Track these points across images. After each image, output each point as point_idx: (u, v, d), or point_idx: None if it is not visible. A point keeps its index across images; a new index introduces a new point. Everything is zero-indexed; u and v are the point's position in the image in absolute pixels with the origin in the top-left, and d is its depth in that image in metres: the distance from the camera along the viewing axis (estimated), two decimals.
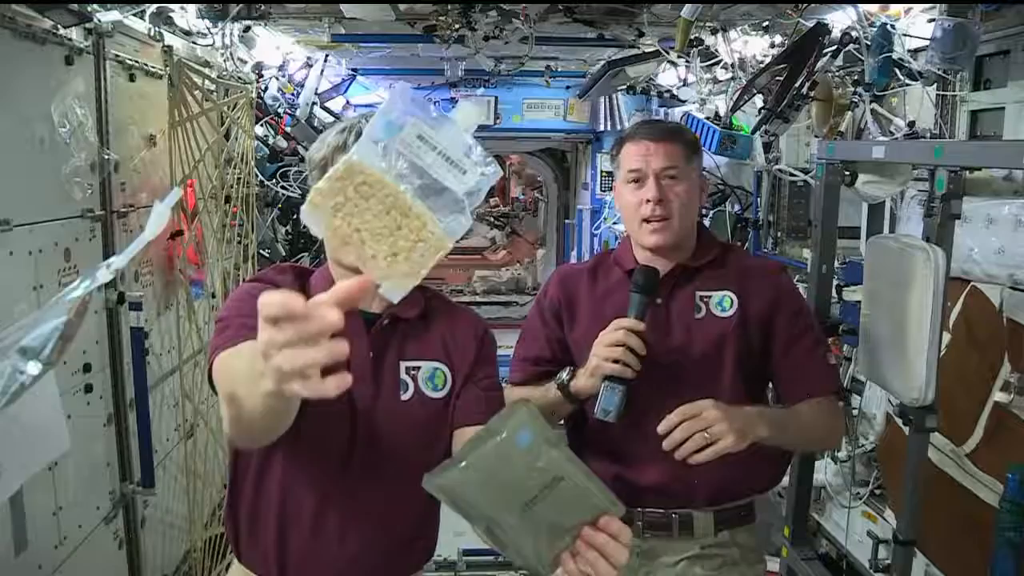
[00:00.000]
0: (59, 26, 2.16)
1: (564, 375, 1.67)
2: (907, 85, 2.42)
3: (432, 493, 0.86)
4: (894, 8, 2.42)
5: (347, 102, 5.14)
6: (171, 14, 2.85)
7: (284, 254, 4.29)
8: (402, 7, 3.03)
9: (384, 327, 1.37)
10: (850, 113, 2.76)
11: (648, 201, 1.66)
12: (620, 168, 1.75)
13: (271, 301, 0.75)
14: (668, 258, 1.72)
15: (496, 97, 5.55)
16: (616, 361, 1.54)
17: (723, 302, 1.70)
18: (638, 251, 1.76)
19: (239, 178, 3.44)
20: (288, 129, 4.24)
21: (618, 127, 5.35)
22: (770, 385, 1.81)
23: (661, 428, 1.47)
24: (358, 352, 1.35)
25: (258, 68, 4.02)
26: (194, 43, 3.11)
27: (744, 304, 1.70)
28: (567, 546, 0.89)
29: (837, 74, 2.74)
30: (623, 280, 1.73)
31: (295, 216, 4.35)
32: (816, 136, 2.94)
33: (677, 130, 1.79)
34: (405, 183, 0.72)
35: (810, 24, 2.64)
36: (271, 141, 4.15)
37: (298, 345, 0.75)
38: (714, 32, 3.15)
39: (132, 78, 2.70)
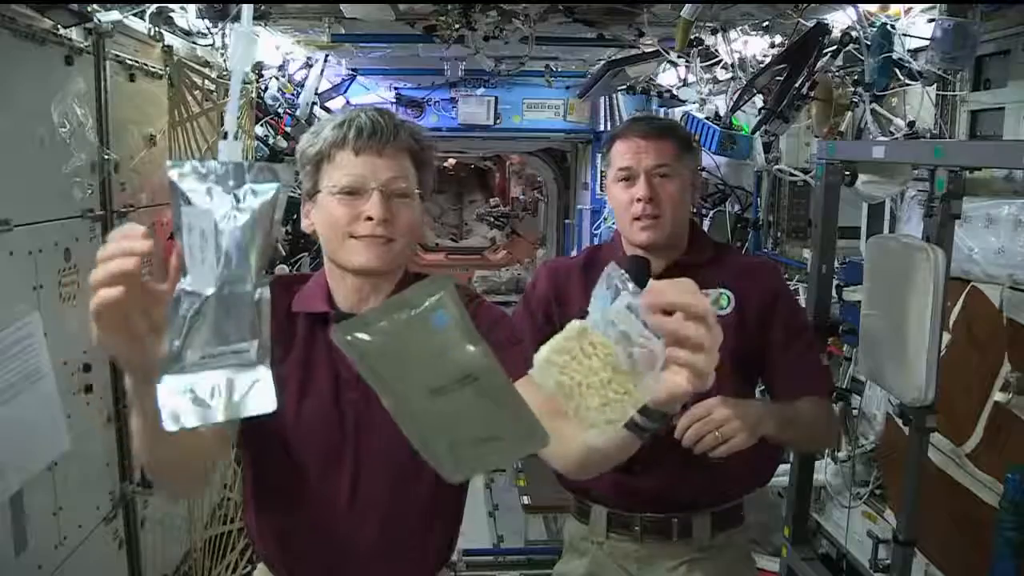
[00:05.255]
0: (59, 26, 2.15)
1: None
2: (907, 85, 2.42)
3: (340, 345, 0.80)
4: (894, 8, 2.42)
5: (347, 102, 5.14)
6: (171, 14, 2.85)
7: (284, 254, 4.29)
8: (402, 7, 3.03)
9: None
10: (850, 113, 2.76)
11: (639, 200, 1.65)
12: (611, 166, 1.73)
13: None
14: (660, 256, 1.71)
15: (496, 97, 5.54)
16: None
17: (720, 300, 1.69)
18: (629, 248, 1.74)
19: None
20: (288, 129, 4.24)
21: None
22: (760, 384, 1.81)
23: (676, 432, 1.45)
24: (346, 358, 1.32)
25: (258, 68, 4.02)
26: (194, 43, 3.11)
27: (741, 303, 1.69)
28: (483, 458, 0.83)
29: (837, 74, 2.74)
30: None
31: (295, 216, 4.34)
32: (816, 136, 2.94)
33: (669, 127, 1.77)
34: (617, 345, 0.83)
35: (810, 24, 2.64)
36: (271, 141, 4.15)
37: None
38: (714, 32, 3.15)
39: (132, 78, 2.70)
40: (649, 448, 1.58)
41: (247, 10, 0.88)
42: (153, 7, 2.69)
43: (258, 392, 0.78)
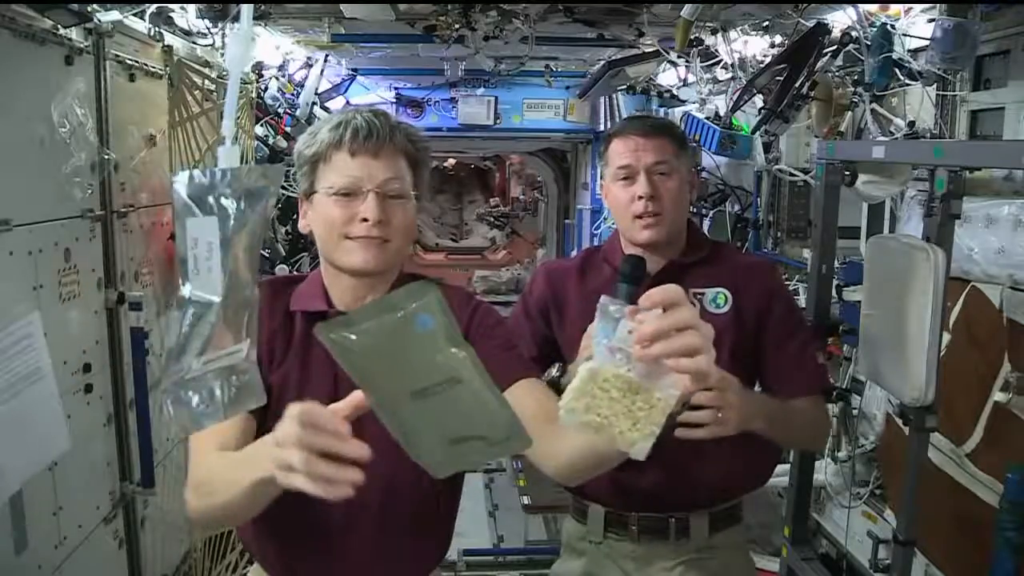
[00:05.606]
0: (59, 26, 2.15)
1: (554, 372, 1.65)
2: (907, 85, 2.42)
3: (324, 343, 0.82)
4: (894, 8, 2.42)
5: (347, 102, 5.14)
6: (171, 14, 2.85)
7: (284, 254, 4.29)
8: (402, 7, 3.03)
9: None
10: (850, 113, 2.76)
11: (640, 197, 1.65)
12: (609, 165, 1.73)
13: (304, 411, 0.86)
14: (659, 254, 1.70)
15: (496, 97, 5.54)
16: None
17: (717, 299, 1.69)
18: (628, 247, 1.73)
19: None
20: (288, 129, 4.24)
21: None
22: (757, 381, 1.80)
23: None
24: None
25: (258, 68, 4.02)
26: (194, 43, 3.11)
27: (738, 301, 1.69)
28: (466, 456, 0.85)
29: (837, 74, 2.74)
30: (613, 277, 1.70)
31: (295, 216, 4.34)
32: (816, 136, 2.94)
33: (666, 125, 1.78)
34: (627, 367, 0.87)
35: (810, 24, 2.64)
36: (271, 141, 4.15)
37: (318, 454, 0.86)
38: (714, 32, 3.15)
39: (132, 78, 2.70)
40: None
41: (247, 11, 0.89)
42: (153, 7, 2.69)
43: (249, 389, 0.82)
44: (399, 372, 0.81)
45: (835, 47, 2.57)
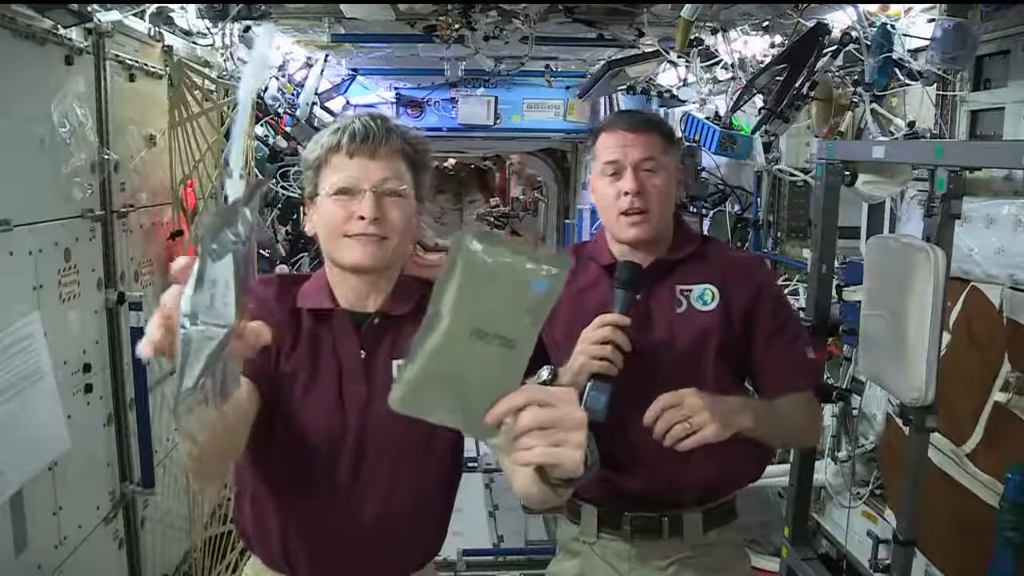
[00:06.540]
0: (59, 26, 2.16)
1: (545, 375, 1.64)
2: (907, 85, 2.42)
3: (453, 247, 0.82)
4: (894, 8, 2.42)
5: (347, 102, 5.15)
6: (171, 14, 2.85)
7: (284, 254, 4.29)
8: (402, 7, 3.04)
9: (375, 326, 1.37)
10: (850, 113, 2.76)
11: (626, 193, 1.63)
12: (596, 160, 1.71)
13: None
14: (646, 252, 1.68)
15: (496, 97, 5.54)
16: (603, 359, 1.51)
17: (704, 295, 1.67)
18: (614, 245, 1.72)
19: None
20: (288, 129, 4.24)
21: None
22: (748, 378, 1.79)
23: (646, 419, 1.44)
24: (349, 352, 1.35)
25: None
26: (194, 43, 3.11)
27: (726, 297, 1.67)
28: (438, 408, 0.84)
29: (837, 74, 2.74)
30: (601, 276, 1.69)
31: (295, 216, 4.36)
32: (816, 136, 2.94)
33: (654, 120, 1.76)
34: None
35: (810, 24, 2.64)
36: (271, 141, 4.16)
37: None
38: (714, 32, 3.15)
39: (132, 78, 2.70)
40: (634, 447, 1.58)
41: (265, 36, 0.90)
42: (153, 7, 2.70)
43: (232, 377, 0.85)
44: (487, 306, 0.82)
45: (835, 47, 2.57)
